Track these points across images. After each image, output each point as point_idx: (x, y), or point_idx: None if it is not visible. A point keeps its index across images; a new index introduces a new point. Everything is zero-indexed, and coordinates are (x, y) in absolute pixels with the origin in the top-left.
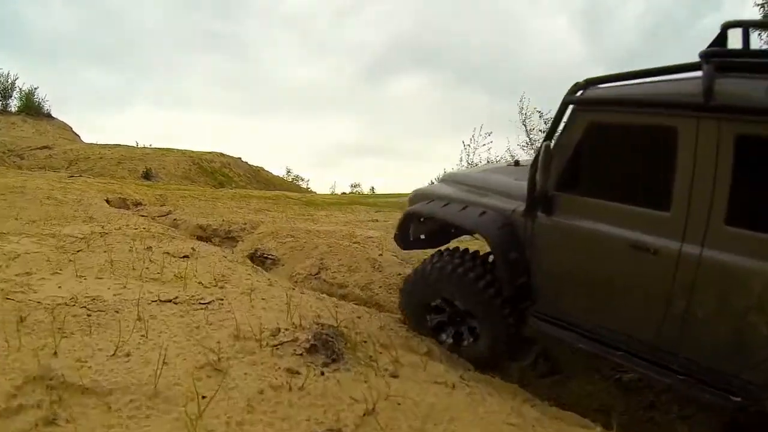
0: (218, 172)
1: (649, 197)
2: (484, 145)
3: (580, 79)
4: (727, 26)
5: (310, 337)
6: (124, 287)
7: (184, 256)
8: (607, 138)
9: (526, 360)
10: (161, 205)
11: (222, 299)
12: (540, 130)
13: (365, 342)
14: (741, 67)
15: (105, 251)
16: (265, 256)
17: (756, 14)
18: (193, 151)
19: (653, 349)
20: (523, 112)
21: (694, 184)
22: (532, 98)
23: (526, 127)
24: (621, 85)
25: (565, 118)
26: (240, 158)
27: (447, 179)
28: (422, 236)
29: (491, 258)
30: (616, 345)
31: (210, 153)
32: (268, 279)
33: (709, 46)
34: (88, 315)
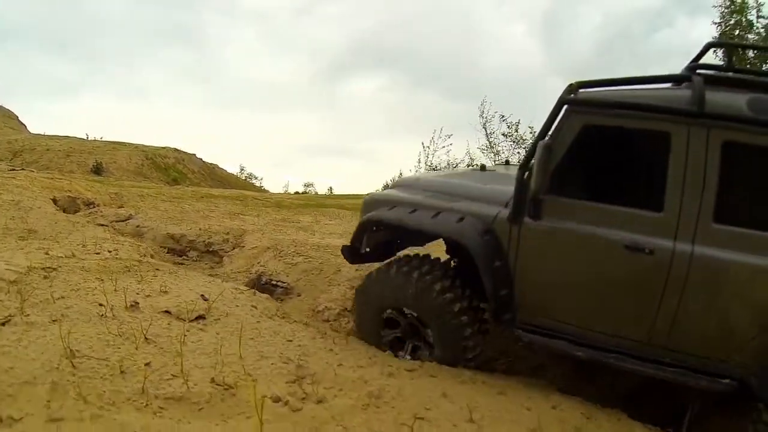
0: (172, 168)
1: (642, 198)
2: (444, 147)
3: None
4: (709, 46)
5: None
6: None
7: (197, 318)
8: (601, 140)
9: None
10: (119, 207)
11: None
12: (503, 134)
13: None
14: (725, 81)
15: (54, 320)
16: (274, 283)
17: (714, 32)
18: (146, 146)
19: (646, 345)
20: (484, 115)
21: (686, 185)
22: (491, 102)
23: (486, 130)
24: (614, 90)
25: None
26: (194, 154)
27: (403, 184)
28: (368, 249)
29: (452, 265)
30: (609, 347)
31: (164, 148)
32: (389, 367)
33: (691, 61)
34: None
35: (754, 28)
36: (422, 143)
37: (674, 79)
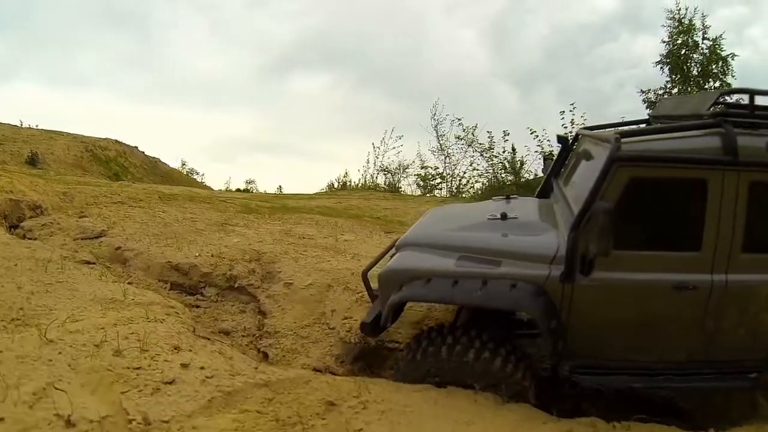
0: (113, 162)
1: (684, 241)
2: (394, 148)
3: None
4: (723, 93)
5: None
6: None
7: None
8: (644, 190)
9: None
10: (79, 216)
11: None
12: (456, 137)
13: None
14: (748, 125)
15: None
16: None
17: (662, 49)
18: (85, 136)
19: (687, 363)
20: (436, 117)
21: (720, 223)
22: (443, 105)
23: (437, 132)
24: (651, 139)
25: None
26: (136, 147)
27: (413, 243)
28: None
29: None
30: (657, 372)
31: (104, 139)
32: None
33: (710, 107)
34: None
35: (700, 48)
36: (372, 143)
37: (705, 126)
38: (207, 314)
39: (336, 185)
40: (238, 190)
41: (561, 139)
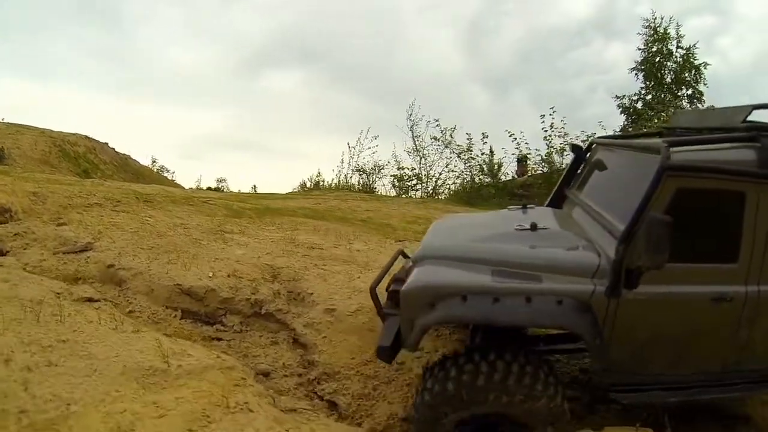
0: (82, 158)
1: (723, 253)
2: (369, 148)
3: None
4: (756, 107)
5: None
6: None
7: None
8: (690, 202)
9: None
10: (57, 224)
11: None
12: (434, 138)
13: None
14: None
15: None
16: None
17: (637, 56)
18: (53, 131)
19: (720, 374)
20: (411, 117)
21: (756, 236)
22: (419, 106)
23: (413, 133)
24: (689, 151)
25: None
26: (107, 143)
27: (436, 256)
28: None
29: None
30: (692, 384)
31: (74, 135)
32: None
33: (743, 120)
34: None
35: (673, 56)
36: (348, 143)
37: (742, 139)
38: (233, 348)
39: (308, 185)
40: (209, 188)
41: (575, 148)
